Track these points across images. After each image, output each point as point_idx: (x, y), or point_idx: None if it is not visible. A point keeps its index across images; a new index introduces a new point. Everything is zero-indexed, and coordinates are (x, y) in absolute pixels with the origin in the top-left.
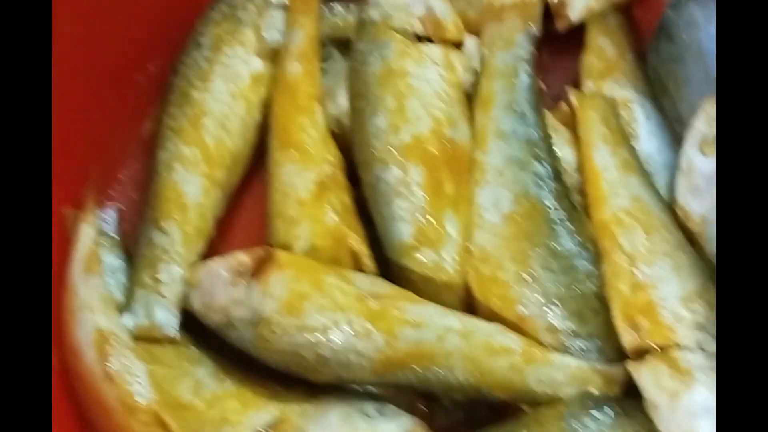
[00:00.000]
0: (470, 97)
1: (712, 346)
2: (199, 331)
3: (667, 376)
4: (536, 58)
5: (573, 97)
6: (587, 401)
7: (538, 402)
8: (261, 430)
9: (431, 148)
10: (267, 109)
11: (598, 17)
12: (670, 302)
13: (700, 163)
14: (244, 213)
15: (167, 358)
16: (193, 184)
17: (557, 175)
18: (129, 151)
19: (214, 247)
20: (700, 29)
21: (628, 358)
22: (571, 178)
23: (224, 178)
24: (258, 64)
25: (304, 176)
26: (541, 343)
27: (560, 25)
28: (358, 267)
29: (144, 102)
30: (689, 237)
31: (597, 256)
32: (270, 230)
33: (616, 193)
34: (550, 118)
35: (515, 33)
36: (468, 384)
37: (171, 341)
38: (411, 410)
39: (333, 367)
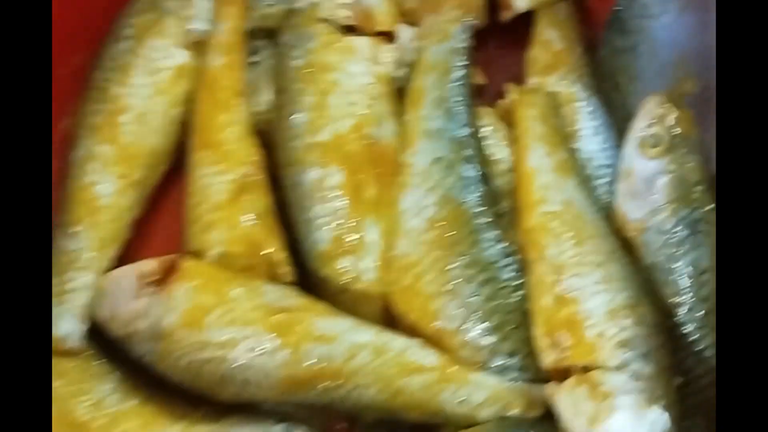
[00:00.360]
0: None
1: (639, 365)
2: (108, 343)
3: (587, 399)
4: (478, 51)
5: (512, 92)
6: (505, 425)
7: (455, 424)
8: None
9: (352, 148)
10: (190, 105)
11: (546, 7)
12: (596, 317)
13: (640, 165)
14: (165, 214)
15: (68, 372)
16: (107, 185)
17: (486, 178)
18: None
19: (131, 251)
20: (655, 19)
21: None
22: (505, 181)
23: (141, 177)
24: (182, 57)
25: (222, 178)
26: (459, 360)
27: (505, 16)
28: (275, 276)
29: (65, 97)
30: (626, 244)
31: (523, 267)
32: (186, 235)
33: (547, 197)
34: (490, 116)
35: (452, 25)
36: (380, 404)
37: (73, 354)
38: (328, 429)
39: (236, 385)
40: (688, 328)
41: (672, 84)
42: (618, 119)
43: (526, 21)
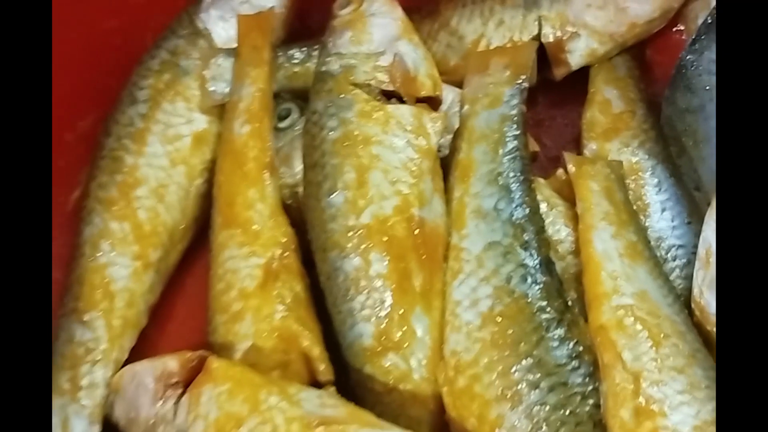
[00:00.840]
0: (447, 162)
1: None
2: None
3: None
4: (528, 114)
5: (570, 163)
6: None
7: None
8: None
9: (396, 232)
10: (212, 175)
11: (602, 62)
12: None
13: None
14: (186, 299)
15: None
16: (121, 267)
17: (548, 266)
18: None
19: (147, 341)
20: None
21: None
22: (568, 264)
23: (159, 258)
24: (202, 122)
25: (250, 261)
26: None
27: (558, 73)
28: (311, 372)
29: (72, 165)
30: (707, 340)
31: (595, 369)
32: (210, 325)
33: (618, 288)
34: (545, 189)
35: (502, 87)
36: None
37: None
38: None
39: None
40: None
41: None
42: (688, 189)
43: (579, 77)
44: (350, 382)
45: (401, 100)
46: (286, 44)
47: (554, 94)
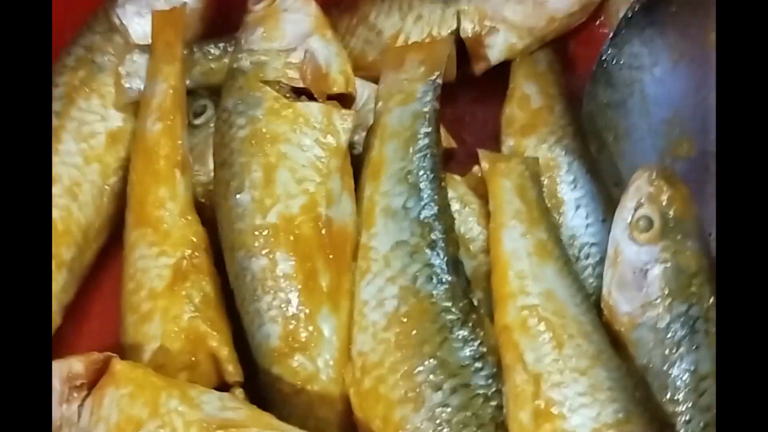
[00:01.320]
0: (361, 160)
1: None
2: None
3: None
4: (446, 107)
5: (484, 160)
6: None
7: None
8: None
9: (303, 231)
10: (127, 173)
11: (523, 56)
12: None
13: (629, 251)
14: (101, 297)
15: None
16: None
17: (455, 265)
18: None
19: (62, 341)
20: (645, 71)
21: None
22: (479, 263)
23: (73, 257)
24: (117, 120)
25: (160, 261)
26: None
27: (478, 68)
28: (221, 374)
29: None
30: (616, 340)
31: (499, 370)
32: (122, 326)
33: (524, 288)
34: (460, 186)
35: (416, 84)
36: None
37: None
38: None
39: None
40: None
41: (665, 145)
42: (605, 185)
43: (500, 72)
44: (259, 383)
45: (313, 98)
46: (204, 40)
47: (475, 90)
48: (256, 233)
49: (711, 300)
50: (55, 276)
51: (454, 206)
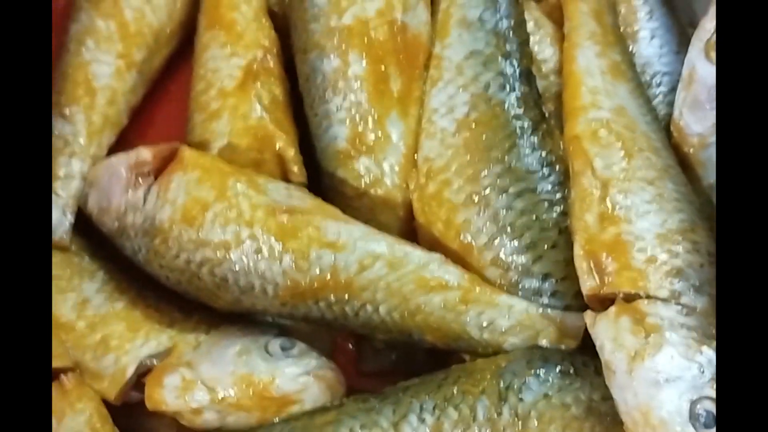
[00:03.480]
0: None
1: (691, 298)
2: (97, 238)
3: (630, 333)
4: None
5: None
6: (534, 356)
7: (477, 351)
8: (146, 361)
9: (378, 35)
10: None
11: None
12: (646, 241)
13: (704, 71)
14: (169, 103)
15: (53, 267)
16: (105, 65)
17: (528, 76)
18: None
19: (128, 141)
20: None
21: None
22: (551, 83)
23: (144, 59)
24: None
25: (231, 62)
26: (486, 280)
27: None
28: (285, 173)
29: None
30: (684, 161)
31: (566, 179)
32: (189, 125)
33: (597, 102)
34: (534, 11)
35: None
36: (394, 324)
37: (59, 247)
38: (333, 350)
39: (233, 291)
40: None
41: None
42: (681, 22)
43: None
44: (322, 187)
45: None
46: None
47: None
48: (331, 34)
49: None
50: (124, 76)
51: (529, 28)
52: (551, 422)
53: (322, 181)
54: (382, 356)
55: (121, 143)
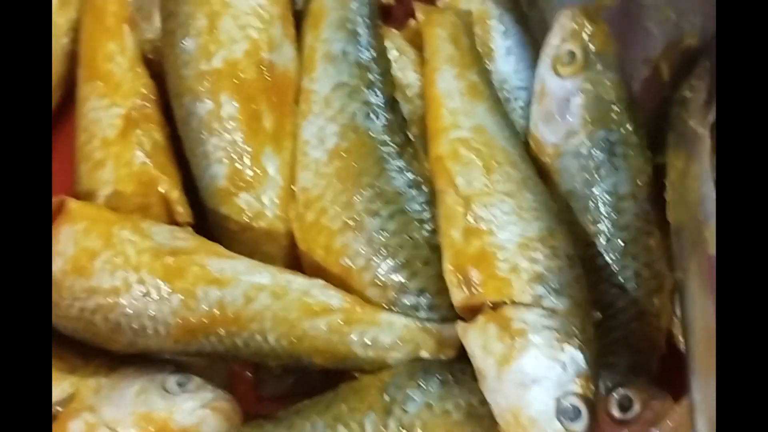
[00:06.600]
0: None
1: (552, 301)
2: None
3: (497, 339)
4: None
5: (419, 12)
6: (415, 368)
7: (365, 370)
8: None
9: (247, 75)
10: (77, 34)
11: None
12: (508, 250)
13: (554, 85)
14: (54, 155)
15: None
16: None
17: (392, 104)
18: None
19: None
20: None
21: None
22: (416, 107)
23: None
24: None
25: (111, 111)
26: (367, 300)
27: None
28: (171, 215)
29: None
30: (542, 170)
31: (434, 198)
32: (75, 176)
33: (456, 123)
34: (397, 39)
35: None
36: (284, 350)
37: None
38: (231, 379)
39: (127, 334)
40: (608, 258)
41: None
42: (535, 38)
43: None
44: (207, 224)
45: None
46: None
47: None
48: (201, 78)
49: (629, 126)
50: None
51: (392, 56)
52: (435, 430)
53: (207, 218)
54: (281, 381)
55: None
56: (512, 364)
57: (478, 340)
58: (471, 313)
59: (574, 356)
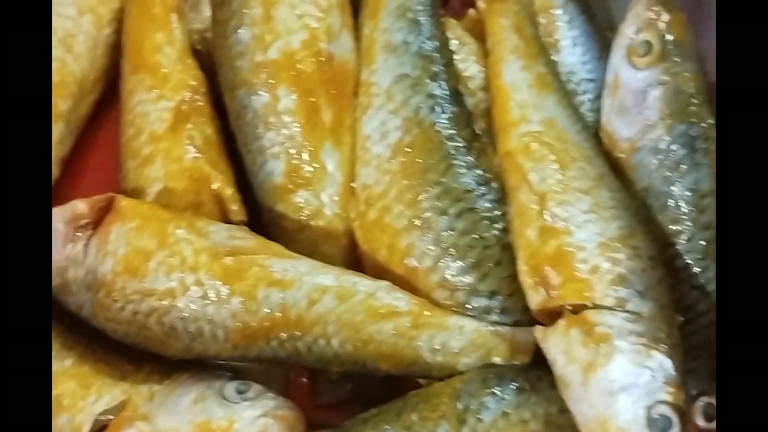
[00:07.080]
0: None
1: (637, 304)
2: None
3: (580, 344)
4: None
5: (481, 1)
6: (488, 375)
7: (433, 375)
8: (101, 417)
9: (305, 67)
10: (121, 25)
11: None
12: (587, 251)
13: (628, 76)
14: (98, 151)
15: None
16: None
17: (457, 96)
18: None
19: (60, 194)
20: None
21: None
22: (479, 100)
23: (70, 109)
24: None
25: (160, 105)
26: (434, 302)
27: None
28: (224, 213)
29: None
30: (616, 166)
31: (503, 196)
32: (122, 172)
33: (526, 116)
34: (456, 28)
35: None
36: (348, 355)
37: None
38: (287, 386)
39: (183, 339)
40: (689, 259)
41: None
42: (600, 27)
43: None
44: (263, 223)
45: None
46: None
47: None
48: (257, 70)
49: (710, 120)
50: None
51: (453, 47)
52: None
53: (262, 216)
54: (338, 387)
55: (54, 195)
56: (598, 371)
57: (560, 345)
58: (548, 316)
59: (662, 362)
